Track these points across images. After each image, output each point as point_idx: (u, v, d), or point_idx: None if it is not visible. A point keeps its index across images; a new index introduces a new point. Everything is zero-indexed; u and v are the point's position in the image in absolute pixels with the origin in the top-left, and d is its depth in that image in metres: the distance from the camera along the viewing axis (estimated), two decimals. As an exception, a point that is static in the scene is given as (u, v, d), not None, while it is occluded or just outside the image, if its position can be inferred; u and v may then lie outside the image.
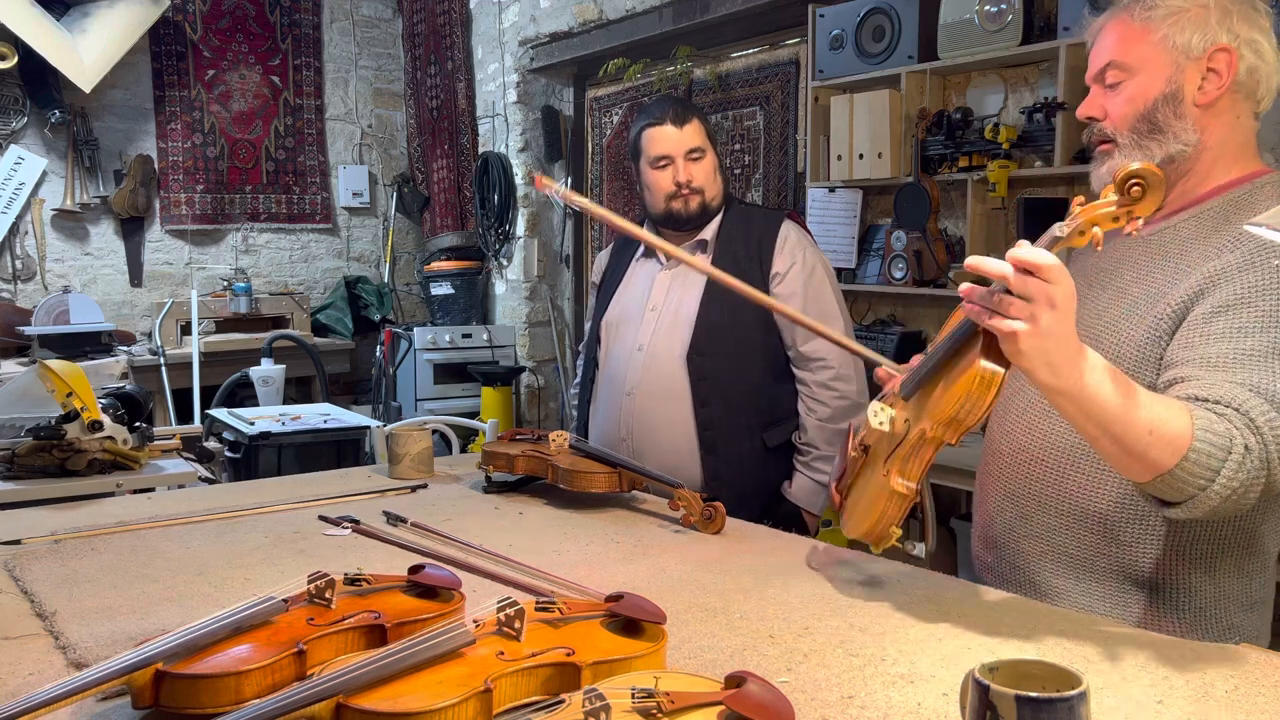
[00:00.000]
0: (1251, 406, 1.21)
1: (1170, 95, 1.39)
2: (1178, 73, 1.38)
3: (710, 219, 2.33)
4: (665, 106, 2.32)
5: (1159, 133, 1.40)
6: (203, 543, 1.70)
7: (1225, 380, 1.24)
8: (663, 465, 2.11)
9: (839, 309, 2.31)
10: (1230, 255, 1.33)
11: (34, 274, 5.78)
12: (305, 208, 6.57)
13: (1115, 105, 1.43)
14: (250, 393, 4.86)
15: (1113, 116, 1.43)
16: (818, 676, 1.17)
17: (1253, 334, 1.26)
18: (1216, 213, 1.40)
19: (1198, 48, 1.37)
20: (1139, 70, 1.40)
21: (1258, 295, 1.28)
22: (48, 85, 5.59)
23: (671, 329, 2.28)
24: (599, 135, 5.65)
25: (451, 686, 0.97)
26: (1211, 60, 1.37)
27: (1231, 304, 1.29)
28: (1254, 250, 1.31)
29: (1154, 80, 1.39)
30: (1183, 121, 1.39)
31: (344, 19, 6.66)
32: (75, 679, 0.98)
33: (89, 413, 2.32)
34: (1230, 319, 1.29)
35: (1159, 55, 1.39)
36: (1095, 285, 1.49)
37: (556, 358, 6.10)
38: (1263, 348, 1.25)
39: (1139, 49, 1.40)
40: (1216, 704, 1.10)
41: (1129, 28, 1.41)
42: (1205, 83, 1.38)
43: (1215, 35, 1.37)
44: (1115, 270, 1.48)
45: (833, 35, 3.84)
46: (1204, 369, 1.26)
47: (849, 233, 3.97)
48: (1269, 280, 1.28)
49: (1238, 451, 1.18)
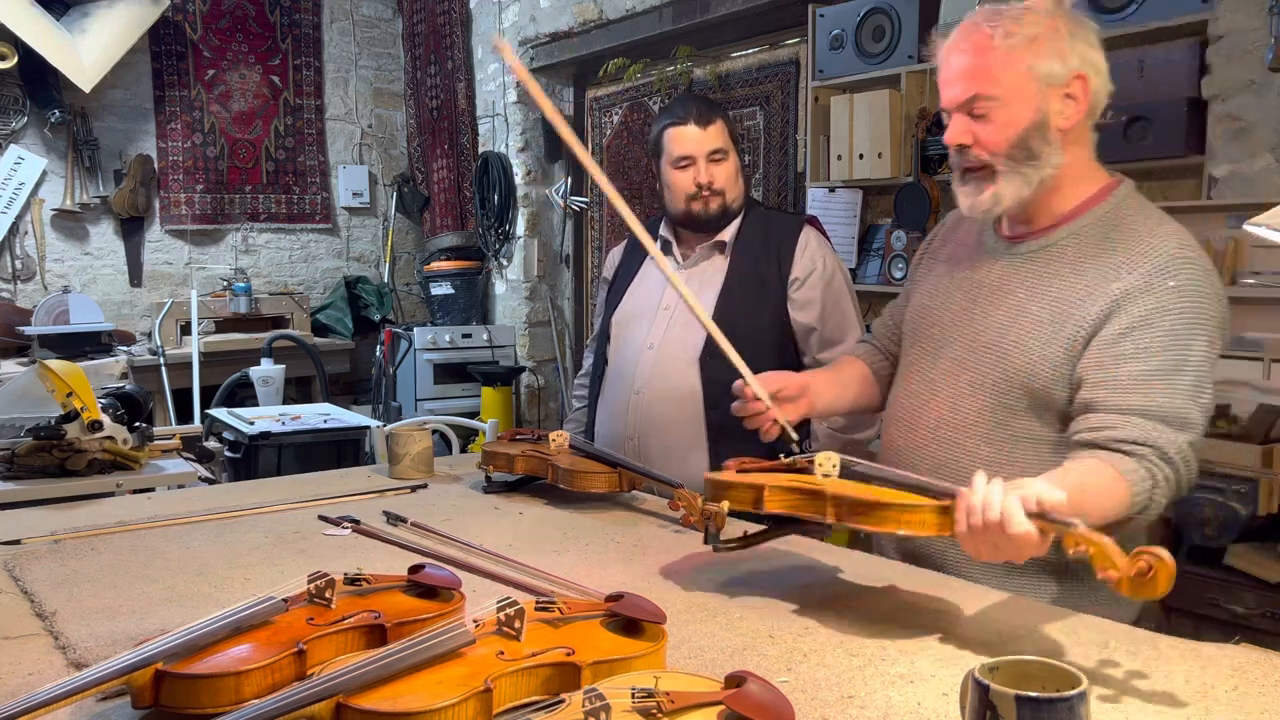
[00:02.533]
0: (1164, 442, 1.36)
1: (1039, 124, 1.47)
2: (1043, 101, 1.46)
3: (730, 221, 2.32)
4: (689, 106, 2.29)
5: (1034, 158, 1.48)
6: (203, 543, 1.70)
7: (1136, 404, 1.38)
8: (668, 465, 2.10)
9: (857, 316, 2.31)
10: (1130, 277, 1.44)
11: (34, 274, 5.78)
12: (305, 208, 6.57)
13: (987, 133, 1.49)
14: (250, 393, 4.86)
15: (985, 144, 1.49)
16: (818, 676, 1.17)
17: (1155, 354, 1.40)
18: (1095, 230, 1.51)
19: (1059, 76, 1.46)
20: (1009, 100, 1.46)
21: (1158, 315, 1.41)
22: (48, 85, 5.59)
23: (685, 329, 2.27)
24: (599, 135, 5.65)
25: (451, 686, 0.97)
26: (1069, 86, 1.47)
27: (1136, 325, 1.41)
28: (1150, 272, 1.43)
29: (1024, 109, 1.46)
30: (1050, 147, 1.48)
31: (344, 19, 6.66)
32: (75, 679, 0.98)
33: (89, 413, 2.32)
34: (1135, 340, 1.41)
35: (1025, 85, 1.46)
36: (983, 302, 1.57)
37: (556, 358, 6.10)
38: (1164, 365, 1.39)
39: (1003, 79, 1.46)
40: (1216, 704, 1.10)
41: (992, 57, 1.46)
42: (1066, 108, 1.47)
43: (1071, 62, 1.46)
44: (1003, 287, 1.56)
45: (833, 35, 3.84)
46: (1115, 392, 1.40)
47: (849, 233, 3.97)
48: (1165, 300, 1.41)
49: (1161, 484, 1.37)
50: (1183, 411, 1.38)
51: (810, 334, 2.25)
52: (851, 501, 1.28)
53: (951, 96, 1.51)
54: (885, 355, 1.87)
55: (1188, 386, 1.39)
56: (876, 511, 1.26)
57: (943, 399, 1.59)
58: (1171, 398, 1.38)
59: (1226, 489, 2.45)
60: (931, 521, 1.25)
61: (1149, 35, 2.99)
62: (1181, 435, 1.38)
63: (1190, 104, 2.86)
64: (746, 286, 2.27)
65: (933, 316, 1.66)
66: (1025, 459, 1.50)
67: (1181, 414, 1.38)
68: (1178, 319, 1.40)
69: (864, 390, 1.85)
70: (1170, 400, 1.38)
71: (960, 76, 1.49)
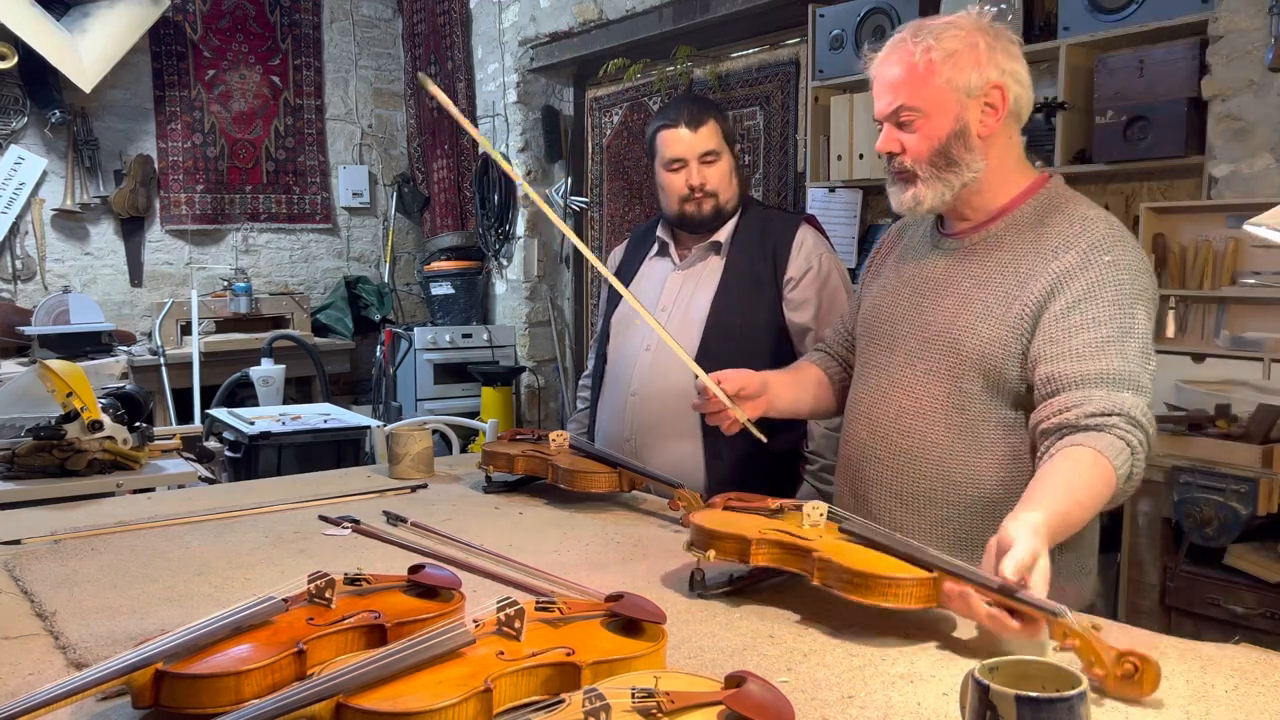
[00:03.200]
0: (1129, 406, 1.43)
1: (959, 132, 1.57)
2: (963, 111, 1.56)
3: (725, 221, 2.32)
4: (680, 108, 2.29)
5: (955, 165, 1.58)
6: (203, 543, 1.70)
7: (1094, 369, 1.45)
8: (666, 467, 2.09)
9: None
10: (1068, 256, 1.53)
11: (34, 274, 5.78)
12: (305, 208, 6.57)
13: (912, 143, 1.60)
14: (250, 393, 4.86)
15: (910, 152, 1.60)
16: (818, 676, 1.17)
17: (1104, 323, 1.48)
18: (1030, 217, 1.61)
19: (976, 87, 1.56)
20: (930, 112, 1.57)
21: (1099, 288, 1.50)
22: (48, 85, 5.59)
23: (681, 330, 2.27)
24: (599, 135, 5.65)
25: (451, 686, 0.97)
26: (988, 96, 1.56)
27: (1080, 299, 1.50)
28: (1086, 250, 1.53)
29: (944, 120, 1.57)
30: (972, 153, 1.58)
31: (344, 19, 6.67)
32: (75, 679, 0.98)
33: (89, 413, 2.32)
34: (1083, 312, 1.50)
35: (945, 97, 1.56)
36: (930, 295, 1.66)
37: (556, 358, 6.10)
38: (1114, 333, 1.48)
39: (926, 92, 1.56)
40: (1216, 704, 1.10)
41: (914, 71, 1.57)
42: (985, 116, 1.57)
43: (988, 74, 1.55)
44: (949, 279, 1.65)
45: (833, 35, 3.84)
46: (1072, 361, 1.48)
47: (849, 233, 3.98)
48: (1105, 274, 1.51)
49: (1139, 450, 1.43)
50: (1136, 376, 1.46)
51: (805, 333, 2.24)
52: (838, 568, 1.27)
53: (880, 108, 1.62)
54: (838, 361, 1.96)
55: (1136, 353, 1.47)
56: (862, 581, 1.25)
57: (901, 389, 1.67)
58: (1126, 362, 1.46)
59: (1226, 489, 2.45)
60: (919, 595, 1.24)
61: (1149, 35, 2.99)
62: (1140, 398, 1.45)
63: (1190, 104, 2.87)
64: (742, 286, 2.27)
65: (884, 314, 1.74)
66: (982, 440, 1.59)
67: (1135, 378, 1.46)
68: (1117, 290, 1.50)
69: (821, 394, 1.94)
70: (1125, 364, 1.46)
71: (887, 89, 1.60)
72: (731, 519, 1.46)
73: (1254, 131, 2.75)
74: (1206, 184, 2.88)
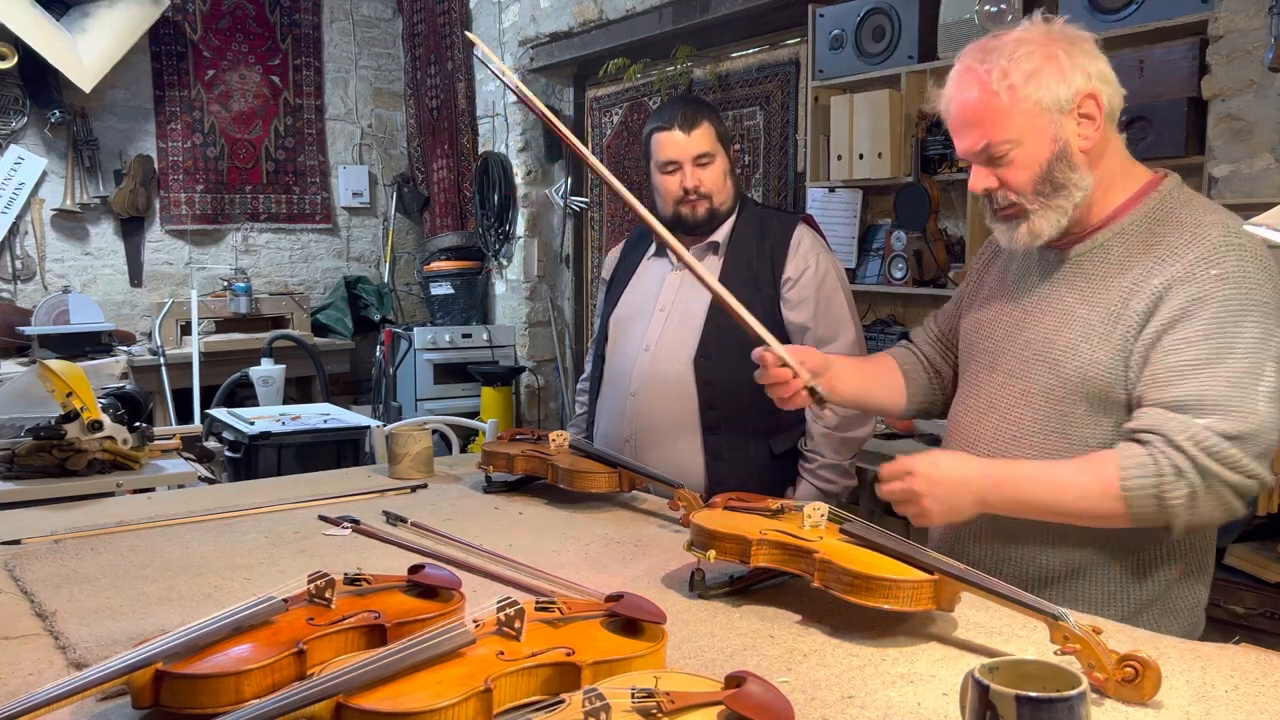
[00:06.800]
0: (1170, 428, 1.33)
1: (1060, 153, 1.44)
2: (1059, 130, 1.43)
3: (720, 223, 2.31)
4: (674, 110, 2.29)
5: (1062, 189, 1.46)
6: (202, 543, 1.70)
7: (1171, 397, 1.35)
8: (666, 467, 2.09)
9: (851, 315, 2.29)
10: (1173, 268, 1.40)
11: (34, 274, 5.78)
12: (305, 208, 6.57)
13: (1010, 175, 1.47)
14: (250, 393, 4.86)
15: (1011, 185, 1.47)
16: (818, 676, 1.17)
17: (1195, 344, 1.36)
18: (1140, 225, 1.47)
19: (1066, 101, 1.43)
20: (1023, 140, 1.44)
21: (1198, 306, 1.37)
22: (48, 85, 5.59)
23: (680, 330, 2.27)
24: (599, 135, 5.65)
25: (451, 686, 0.97)
26: (1081, 107, 1.43)
27: (1177, 318, 1.38)
28: (1194, 262, 1.39)
29: (1041, 145, 1.44)
30: (1077, 171, 1.45)
31: (344, 19, 6.66)
32: (75, 679, 0.98)
33: (89, 413, 2.32)
34: (1176, 332, 1.38)
35: (1036, 121, 1.43)
36: (1033, 310, 1.55)
37: (556, 358, 6.10)
38: (1204, 356, 1.35)
39: (1014, 121, 1.43)
40: (1217, 704, 1.10)
41: (995, 100, 1.43)
42: (1083, 128, 1.44)
43: (1076, 84, 1.42)
44: (1052, 294, 1.53)
45: (833, 35, 3.83)
46: (1154, 388, 1.38)
47: (849, 233, 3.97)
48: (1207, 290, 1.37)
49: (1168, 473, 1.32)
50: (1223, 398, 1.33)
51: (803, 333, 2.24)
52: (838, 570, 1.27)
53: (965, 146, 1.49)
54: (920, 360, 1.86)
55: (1231, 374, 1.34)
56: (863, 584, 1.25)
57: (998, 410, 1.57)
58: (1211, 385, 1.34)
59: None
60: (919, 598, 1.24)
61: (1149, 35, 2.98)
62: (1199, 420, 1.33)
63: (1190, 104, 2.86)
64: (740, 286, 2.26)
65: (985, 329, 1.64)
66: None
67: (1221, 401, 1.33)
68: (1221, 308, 1.36)
69: (892, 389, 1.82)
70: (1208, 389, 1.34)
71: (968, 125, 1.47)
72: (732, 519, 1.45)
73: (1254, 131, 2.75)
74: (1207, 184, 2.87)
